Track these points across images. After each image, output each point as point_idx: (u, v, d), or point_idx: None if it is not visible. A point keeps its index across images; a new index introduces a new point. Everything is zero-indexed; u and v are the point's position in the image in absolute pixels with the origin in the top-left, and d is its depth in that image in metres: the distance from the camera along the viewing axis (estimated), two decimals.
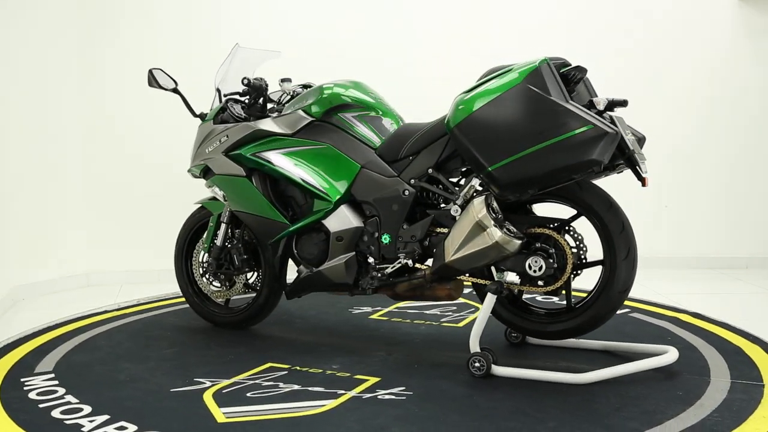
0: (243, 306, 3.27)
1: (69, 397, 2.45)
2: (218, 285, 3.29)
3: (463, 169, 2.82)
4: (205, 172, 3.19)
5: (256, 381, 2.59)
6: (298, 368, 2.72)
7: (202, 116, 3.26)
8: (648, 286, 4.11)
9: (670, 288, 4.11)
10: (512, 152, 2.38)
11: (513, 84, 2.40)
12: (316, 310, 3.59)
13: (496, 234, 2.46)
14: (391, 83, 4.17)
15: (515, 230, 2.55)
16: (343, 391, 2.47)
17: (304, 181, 2.91)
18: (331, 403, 2.38)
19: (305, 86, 3.26)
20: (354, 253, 2.86)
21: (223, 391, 2.49)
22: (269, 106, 3.19)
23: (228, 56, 3.32)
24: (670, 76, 4.67)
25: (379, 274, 2.84)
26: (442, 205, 2.84)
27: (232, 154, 3.05)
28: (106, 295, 4.07)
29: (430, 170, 2.75)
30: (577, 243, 2.65)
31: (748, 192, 4.76)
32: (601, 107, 2.48)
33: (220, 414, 2.29)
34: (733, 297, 3.98)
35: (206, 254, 3.27)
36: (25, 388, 2.54)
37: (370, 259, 2.86)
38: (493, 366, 2.59)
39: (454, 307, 3.60)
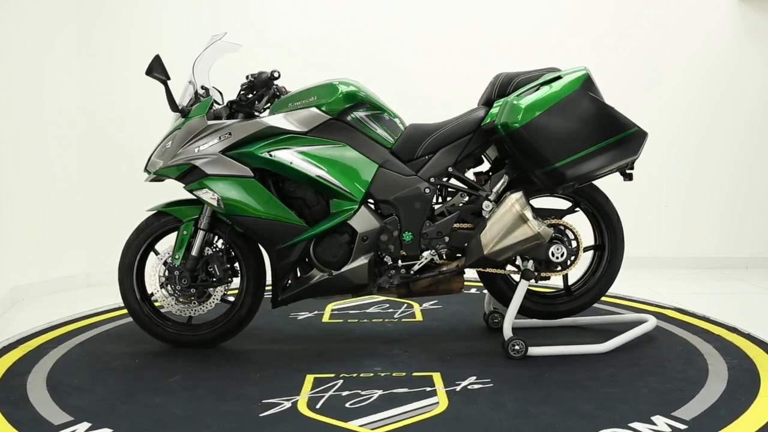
0: (219, 319, 3.01)
1: None
2: (187, 300, 2.95)
3: (473, 166, 3.01)
4: (185, 174, 2.87)
5: (330, 393, 2.49)
6: (345, 375, 2.65)
7: (184, 111, 2.93)
8: (648, 286, 4.11)
9: (670, 288, 4.11)
10: (577, 150, 2.70)
11: (572, 89, 2.71)
12: (261, 319, 3.29)
13: (537, 226, 2.75)
14: (387, 80, 4.18)
15: (544, 222, 2.84)
16: (430, 388, 2.52)
17: (327, 181, 2.83)
18: (440, 400, 2.41)
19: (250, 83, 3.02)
20: (373, 253, 2.87)
21: (317, 407, 2.38)
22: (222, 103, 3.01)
23: (207, 47, 3.03)
24: (669, 75, 4.67)
25: (402, 272, 2.90)
26: (446, 201, 2.99)
27: (233, 153, 2.84)
28: (106, 295, 4.06)
29: (450, 168, 2.90)
30: None
31: (748, 192, 4.76)
32: None
33: (358, 428, 2.21)
34: (733, 297, 3.98)
35: (171, 266, 2.92)
36: None
37: (387, 258, 2.89)
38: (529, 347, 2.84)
39: (387, 305, 3.69)
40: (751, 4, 4.64)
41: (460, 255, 2.95)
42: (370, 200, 2.93)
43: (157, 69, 2.85)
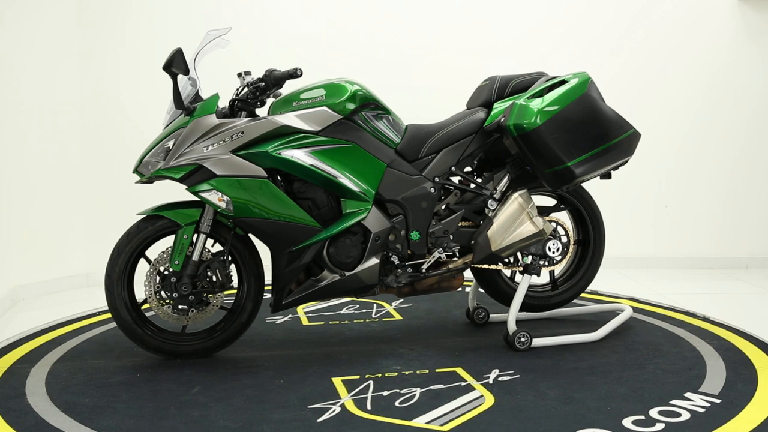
0: (218, 327, 2.90)
1: None
2: (185, 308, 2.80)
3: (469, 168, 3.09)
4: (189, 175, 2.72)
5: (370, 394, 2.46)
6: (370, 376, 2.63)
7: (189, 109, 2.79)
8: (648, 286, 4.12)
9: (670, 288, 4.11)
10: (586, 150, 2.83)
11: (579, 92, 2.84)
12: None
13: (542, 222, 2.91)
14: (387, 80, 4.18)
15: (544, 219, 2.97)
16: (464, 383, 2.54)
17: (342, 181, 2.79)
18: (483, 394, 2.44)
19: (261, 80, 2.93)
20: (382, 252, 2.88)
21: (367, 408, 2.33)
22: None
23: (209, 42, 2.91)
24: (670, 76, 4.67)
25: (409, 270, 2.93)
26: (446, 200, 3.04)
27: (245, 153, 2.72)
28: None
29: (453, 168, 2.97)
30: None
31: (748, 192, 4.77)
32: None
33: (425, 425, 2.20)
34: (733, 297, 3.98)
35: (167, 273, 2.79)
36: None
37: (393, 257, 2.91)
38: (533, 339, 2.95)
39: (358, 305, 3.69)
40: (751, 4, 4.64)
41: (451, 254, 2.99)
42: (391, 200, 2.92)
43: (177, 63, 2.67)
